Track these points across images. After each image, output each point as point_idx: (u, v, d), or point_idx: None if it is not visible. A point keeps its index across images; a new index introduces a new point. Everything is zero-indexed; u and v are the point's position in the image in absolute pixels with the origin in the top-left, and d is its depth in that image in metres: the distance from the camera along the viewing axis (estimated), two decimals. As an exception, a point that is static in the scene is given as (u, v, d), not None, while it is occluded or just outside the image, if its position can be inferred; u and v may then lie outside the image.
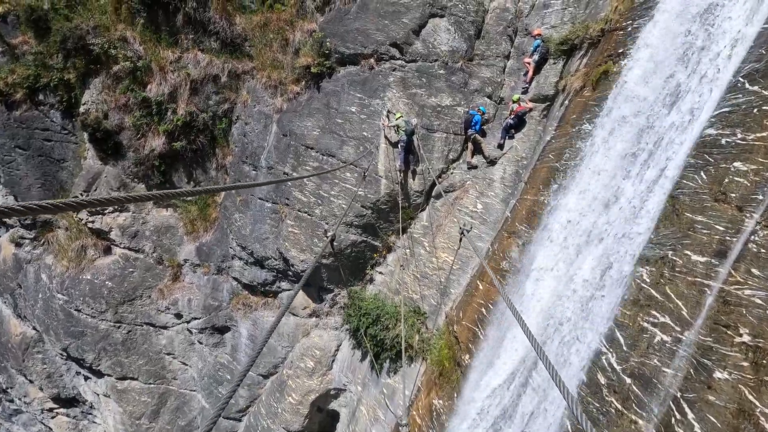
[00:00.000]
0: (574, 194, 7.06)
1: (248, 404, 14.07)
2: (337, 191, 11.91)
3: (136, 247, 14.73)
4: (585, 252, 6.13)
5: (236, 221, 13.74)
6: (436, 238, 11.80)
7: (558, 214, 7.34)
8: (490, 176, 11.62)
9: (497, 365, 7.08)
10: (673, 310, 4.47)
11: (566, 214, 7.04)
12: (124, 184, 14.39)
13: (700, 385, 3.95)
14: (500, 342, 7.43)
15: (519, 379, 6.38)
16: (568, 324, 5.75)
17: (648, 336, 4.59)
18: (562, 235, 6.77)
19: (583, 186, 6.97)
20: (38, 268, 15.44)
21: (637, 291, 4.95)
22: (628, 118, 6.43)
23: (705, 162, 4.86)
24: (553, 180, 7.91)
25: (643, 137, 5.90)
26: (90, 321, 14.43)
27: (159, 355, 14.91)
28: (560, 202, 7.38)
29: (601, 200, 6.20)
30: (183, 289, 14.60)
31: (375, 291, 12.60)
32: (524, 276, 7.43)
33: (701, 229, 4.56)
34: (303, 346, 13.15)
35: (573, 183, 7.15)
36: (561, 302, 6.20)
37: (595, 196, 6.45)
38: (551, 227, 7.30)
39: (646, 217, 5.32)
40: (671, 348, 4.33)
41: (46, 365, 16.35)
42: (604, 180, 6.37)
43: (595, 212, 6.30)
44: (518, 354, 6.74)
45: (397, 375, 11.46)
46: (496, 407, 6.64)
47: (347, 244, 12.20)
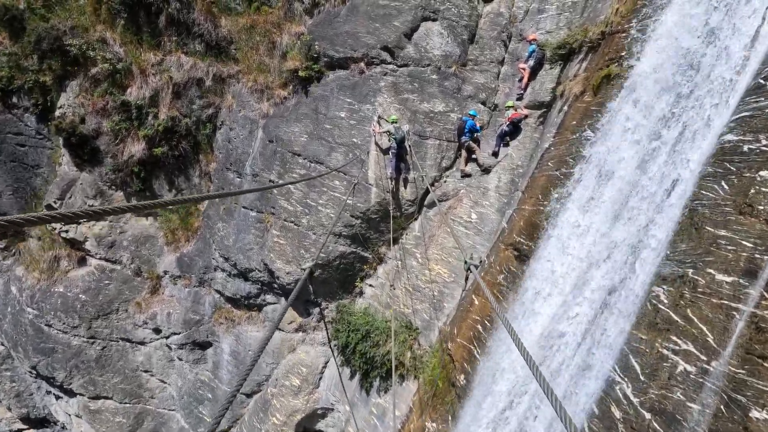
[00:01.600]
0: (578, 204, 6.61)
1: (230, 425, 13.30)
2: (325, 200, 11.36)
3: (112, 258, 13.97)
4: (592, 266, 5.65)
5: (219, 231, 13.09)
6: (428, 250, 11.30)
7: (561, 226, 6.88)
8: (484, 185, 11.19)
9: (496, 391, 6.54)
10: (697, 337, 3.99)
11: (570, 225, 6.58)
12: (100, 191, 13.67)
13: (734, 426, 3.45)
14: (499, 364, 6.90)
15: (521, 407, 5.84)
16: (573, 347, 5.24)
17: (669, 365, 4.10)
18: (566, 247, 6.30)
19: (588, 195, 6.53)
20: (8, 280, 14.57)
21: (653, 313, 4.46)
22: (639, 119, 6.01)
23: (726, 171, 4.43)
24: (553, 189, 7.46)
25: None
26: (61, 337, 13.58)
27: (135, 372, 14.08)
28: (562, 213, 6.92)
29: (610, 212, 5.75)
30: (162, 302, 13.85)
31: (365, 305, 12.01)
32: (523, 292, 6.94)
33: (725, 245, 4.10)
34: (288, 362, 12.47)
35: (576, 192, 6.70)
36: (565, 322, 5.70)
37: (603, 208, 6.00)
38: (553, 239, 6.83)
39: (660, 230, 4.87)
40: (697, 380, 3.84)
41: (15, 383, 15.39)
42: (612, 188, 5.93)
43: (603, 224, 5.84)
44: (519, 378, 6.21)
45: (388, 394, 10.85)
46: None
47: (336, 256, 11.63)
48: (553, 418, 5.29)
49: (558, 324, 5.67)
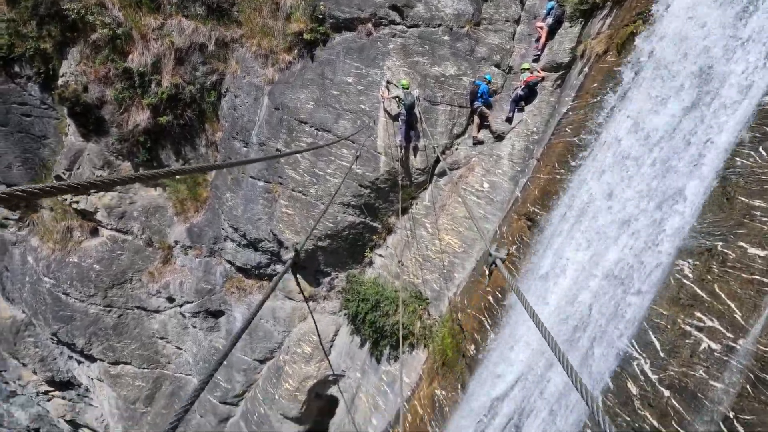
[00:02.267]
0: (597, 173, 6.28)
1: (245, 389, 13.70)
2: (333, 169, 11.11)
3: (123, 229, 14.05)
4: (611, 238, 5.40)
5: (227, 201, 13.00)
6: (439, 219, 11.08)
7: (578, 194, 6.57)
8: (497, 152, 10.80)
9: (508, 361, 6.47)
10: (724, 313, 3.77)
11: (588, 194, 6.27)
12: (107, 162, 13.58)
13: (760, 406, 3.28)
14: (512, 335, 6.80)
15: (533, 378, 5.77)
16: (590, 322, 5.08)
17: (692, 342, 3.91)
18: (583, 217, 6.03)
19: (607, 164, 6.18)
20: (24, 250, 14.82)
21: (677, 288, 4.24)
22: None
23: (765, 135, 4.06)
24: (571, 156, 7.10)
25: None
26: (79, 305, 13.91)
27: (152, 339, 14.46)
28: (580, 181, 6.60)
29: (630, 181, 5.43)
30: (174, 272, 14.01)
31: (374, 275, 11.97)
32: (537, 261, 6.73)
33: (760, 216, 3.81)
34: (300, 331, 12.64)
35: (595, 160, 6.35)
36: (581, 295, 5.51)
37: (623, 176, 5.67)
38: (569, 209, 6.54)
39: (687, 200, 4.56)
40: (721, 358, 3.65)
41: (38, 349, 15.96)
42: (632, 153, 5.58)
43: (624, 193, 5.53)
44: (531, 350, 6.11)
45: (398, 362, 10.96)
46: (507, 406, 6.07)
47: (345, 226, 11.50)
48: (563, 393, 5.20)
49: (572, 300, 5.49)
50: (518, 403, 5.70)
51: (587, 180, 6.23)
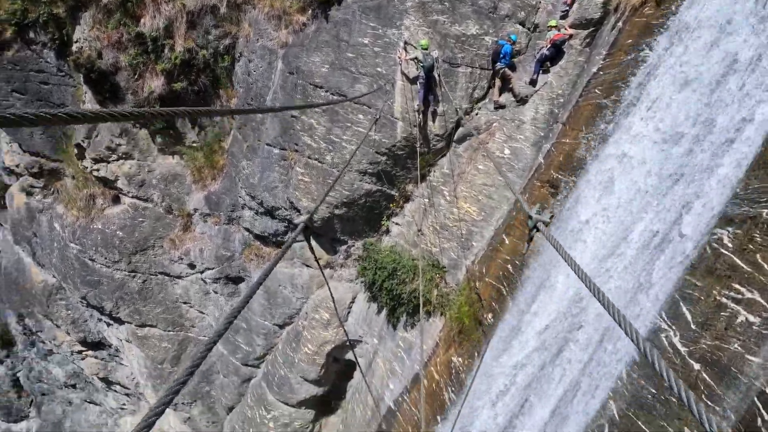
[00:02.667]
0: (628, 136, 5.90)
1: (265, 352, 14.13)
2: (350, 135, 10.86)
3: (144, 196, 14.24)
4: (642, 206, 5.11)
5: (244, 169, 12.95)
6: (457, 187, 10.83)
7: (606, 160, 6.23)
8: (519, 117, 10.34)
9: (526, 330, 6.38)
10: (766, 285, 3.53)
11: (617, 159, 5.93)
12: (125, 129, 13.61)
13: (801, 382, 3.09)
14: (532, 303, 6.67)
15: (553, 348, 5.67)
16: (616, 292, 4.89)
17: (727, 315, 3.70)
18: (611, 185, 5.72)
19: (638, 129, 5.79)
20: (50, 217, 15.24)
21: (713, 258, 3.99)
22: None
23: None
24: (601, 119, 6.70)
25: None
26: (105, 271, 14.36)
27: (176, 303, 14.92)
28: (609, 146, 6.24)
29: (667, 141, 5.07)
30: (194, 239, 14.24)
31: (391, 243, 11.91)
32: (561, 233, 6.50)
33: (814, 181, 3.48)
34: (318, 297, 12.81)
35: (627, 121, 5.96)
36: (607, 266, 5.30)
37: (657, 139, 5.30)
38: (596, 175, 6.23)
39: (728, 165, 4.23)
40: (760, 331, 3.45)
41: (69, 311, 16.69)
42: (670, 119, 5.19)
43: (658, 156, 5.19)
44: (552, 318, 5.98)
45: (414, 329, 11.05)
46: (524, 376, 6.02)
47: (361, 194, 11.35)
48: (585, 363, 5.08)
49: (603, 262, 5.28)
50: (536, 371, 5.64)
51: (619, 143, 5.87)
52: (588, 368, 4.90)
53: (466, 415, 7.26)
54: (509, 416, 5.80)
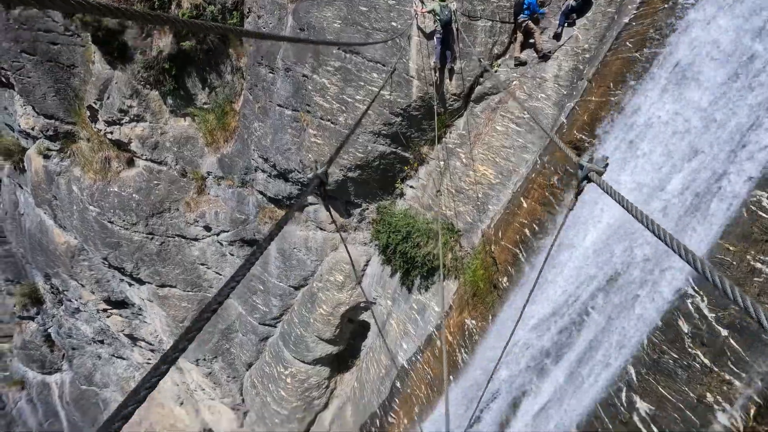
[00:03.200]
0: (660, 93, 5.53)
1: (281, 313, 14.48)
2: (363, 95, 10.51)
3: (158, 159, 14.25)
4: (672, 166, 4.85)
5: (256, 131, 12.76)
6: (474, 149, 10.51)
7: (634, 117, 5.89)
8: (541, 74, 9.83)
9: (545, 295, 6.30)
10: (807, 250, 3.32)
11: (646, 117, 5.59)
12: (136, 90, 13.42)
13: (838, 351, 2.95)
14: (550, 267, 6.55)
15: (571, 314, 5.60)
16: (642, 261, 4.72)
17: (761, 280, 3.53)
18: (639, 144, 5.42)
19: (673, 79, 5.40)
20: (68, 180, 15.43)
21: (749, 222, 3.77)
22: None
23: None
24: (632, 75, 6.28)
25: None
26: (123, 233, 14.64)
27: (193, 265, 15.24)
28: (639, 102, 5.87)
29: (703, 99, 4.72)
30: (209, 202, 14.32)
31: (405, 206, 11.79)
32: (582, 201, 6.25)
33: None
34: (332, 260, 12.91)
35: (661, 77, 5.56)
36: (633, 230, 5.10)
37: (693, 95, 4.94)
38: (625, 133, 5.91)
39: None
40: (796, 298, 3.28)
41: (92, 272, 17.23)
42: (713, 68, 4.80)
43: (694, 116, 4.86)
44: (570, 285, 5.88)
45: (428, 292, 11.12)
46: (539, 340, 6.01)
47: (375, 156, 11.14)
48: (604, 329, 5.01)
49: (630, 225, 5.09)
50: (553, 338, 5.60)
51: (650, 101, 5.51)
52: (606, 333, 4.84)
53: (480, 375, 7.36)
54: (523, 379, 5.85)
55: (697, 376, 3.73)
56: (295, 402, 14.40)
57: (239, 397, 17.15)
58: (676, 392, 3.87)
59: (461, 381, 8.55)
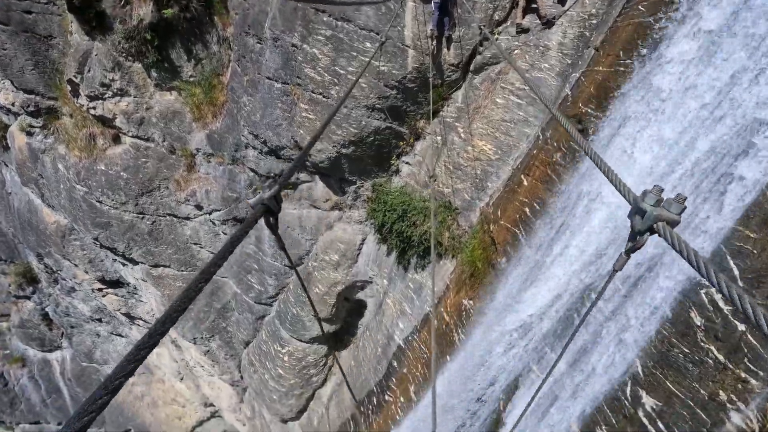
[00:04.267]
0: (674, 62, 5.08)
1: (277, 292, 14.32)
2: (356, 66, 9.94)
3: (144, 136, 13.72)
4: (683, 149, 4.46)
5: (245, 105, 12.20)
6: (472, 123, 10.04)
7: (643, 89, 5.45)
8: (545, 42, 9.23)
9: (544, 277, 6.03)
10: (840, 239, 2.99)
11: (656, 90, 5.16)
12: (117, 63, 12.76)
13: None
14: (549, 249, 6.27)
15: (574, 298, 5.33)
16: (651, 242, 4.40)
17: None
18: (652, 120, 5.02)
19: (690, 53, 4.94)
20: (54, 158, 14.93)
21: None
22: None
23: None
24: (643, 43, 5.79)
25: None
26: (113, 212, 14.28)
27: (186, 244, 14.96)
28: (650, 73, 5.42)
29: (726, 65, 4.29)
30: (199, 180, 13.89)
31: (401, 183, 11.41)
32: (587, 178, 5.90)
33: None
34: (326, 239, 12.63)
35: (677, 43, 5.09)
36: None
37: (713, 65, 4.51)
38: (634, 106, 5.48)
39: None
40: (825, 293, 2.98)
41: (85, 251, 16.96)
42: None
43: (710, 88, 4.44)
44: (572, 268, 5.59)
45: (425, 271, 10.89)
46: (541, 325, 5.77)
47: (369, 131, 10.66)
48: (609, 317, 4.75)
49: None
50: (554, 324, 5.36)
51: (664, 70, 5.07)
52: (612, 322, 4.58)
53: (477, 356, 7.20)
54: (522, 364, 5.65)
55: (710, 372, 3.49)
56: (293, 379, 14.46)
57: (238, 374, 17.25)
58: (686, 388, 3.64)
59: (458, 361, 8.42)
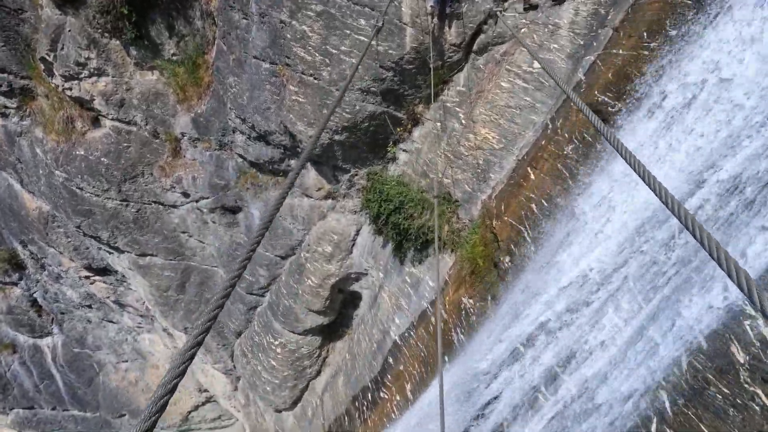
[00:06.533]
0: (713, 46, 4.42)
1: (269, 282, 13.84)
2: (349, 45, 9.16)
3: (125, 119, 12.92)
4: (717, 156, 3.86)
5: (232, 87, 11.41)
6: (475, 109, 9.35)
7: (672, 82, 4.81)
8: (554, 20, 8.46)
9: (555, 283, 5.49)
10: None
11: (691, 81, 4.52)
12: (93, 40, 11.85)
13: None
14: (560, 251, 5.72)
15: (584, 312, 4.82)
16: (685, 272, 3.85)
17: None
18: (682, 117, 4.39)
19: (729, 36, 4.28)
20: (31, 142, 14.13)
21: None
22: None
23: None
24: (672, 22, 5.10)
25: None
26: (95, 200, 13.60)
27: (174, 233, 14.36)
28: (681, 61, 4.76)
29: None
30: (186, 166, 13.18)
31: (398, 172, 10.78)
32: (604, 181, 5.30)
33: None
34: (320, 229, 12.06)
35: (715, 25, 4.42)
36: (665, 219, 4.20)
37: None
38: (662, 94, 4.85)
39: None
40: None
41: (69, 239, 16.34)
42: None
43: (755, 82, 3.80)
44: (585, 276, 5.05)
45: (422, 265, 10.38)
46: (548, 338, 5.27)
47: (364, 117, 9.95)
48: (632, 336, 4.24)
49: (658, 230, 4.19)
50: (572, 338, 4.85)
51: (699, 57, 4.41)
52: (631, 345, 4.08)
53: (478, 365, 6.75)
54: (528, 386, 5.20)
55: (756, 420, 3.00)
56: (287, 371, 14.14)
57: (231, 363, 16.95)
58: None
59: (456, 365, 7.99)
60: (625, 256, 4.47)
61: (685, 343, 3.54)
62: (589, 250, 4.93)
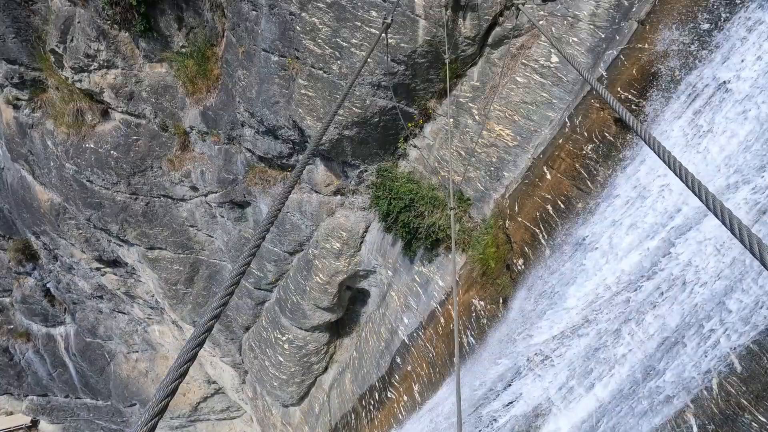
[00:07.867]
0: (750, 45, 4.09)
1: (277, 278, 13.75)
2: (360, 38, 8.90)
3: (135, 111, 12.85)
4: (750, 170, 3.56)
5: (240, 80, 11.23)
6: (489, 104, 9.05)
7: (703, 81, 4.49)
8: (574, 12, 8.10)
9: (574, 292, 5.24)
10: None
11: (720, 81, 4.20)
12: (102, 32, 11.76)
13: None
14: (580, 257, 5.46)
15: (607, 323, 4.56)
16: (711, 286, 3.58)
17: None
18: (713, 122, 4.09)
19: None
20: (42, 134, 14.16)
21: None
22: None
23: None
24: (704, 16, 4.76)
25: None
26: (105, 192, 13.60)
27: (183, 227, 14.33)
28: (713, 59, 4.44)
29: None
30: (194, 159, 13.09)
31: (408, 168, 10.54)
32: (632, 171, 5.00)
33: None
34: (328, 226, 11.89)
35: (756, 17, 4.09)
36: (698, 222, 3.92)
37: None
38: (690, 92, 4.54)
39: None
40: None
41: (81, 230, 16.43)
42: None
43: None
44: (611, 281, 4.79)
45: (432, 264, 10.16)
46: (566, 348, 5.03)
47: (374, 111, 9.71)
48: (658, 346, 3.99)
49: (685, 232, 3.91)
50: (588, 348, 4.61)
51: (734, 57, 4.09)
52: (654, 361, 3.82)
53: (489, 371, 6.54)
54: (543, 396, 4.97)
55: (798, 454, 2.75)
56: (294, 367, 14.09)
57: (239, 357, 16.98)
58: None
59: (464, 370, 7.79)
60: (650, 268, 4.21)
61: (717, 363, 3.28)
62: (614, 260, 4.67)
